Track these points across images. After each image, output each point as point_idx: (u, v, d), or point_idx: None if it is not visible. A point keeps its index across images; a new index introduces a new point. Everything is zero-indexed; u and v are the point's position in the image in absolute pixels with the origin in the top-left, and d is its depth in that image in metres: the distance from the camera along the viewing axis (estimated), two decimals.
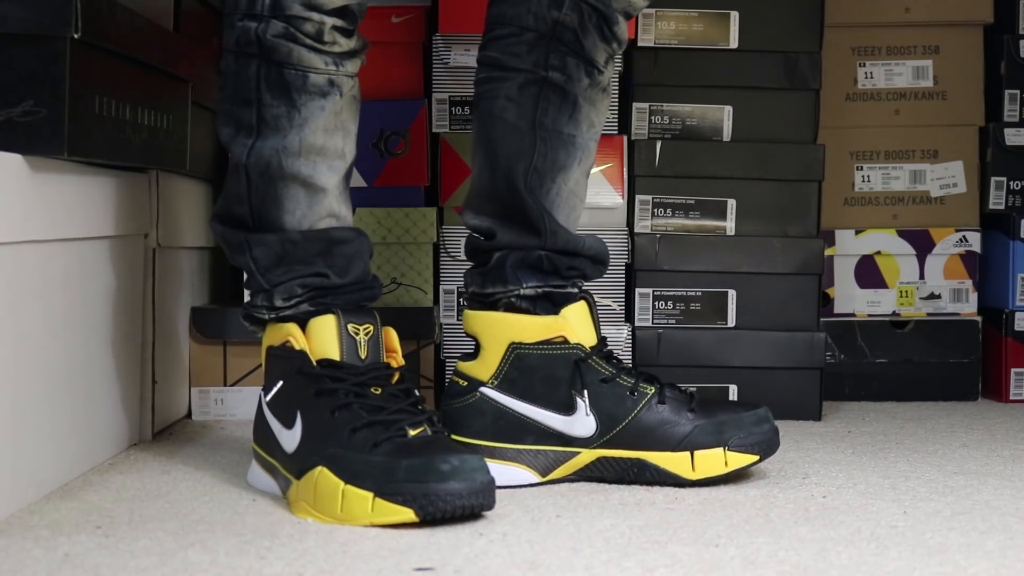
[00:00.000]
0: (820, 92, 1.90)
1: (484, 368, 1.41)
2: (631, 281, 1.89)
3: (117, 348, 1.53)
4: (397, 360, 1.34)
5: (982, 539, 1.19)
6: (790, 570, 1.08)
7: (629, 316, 1.90)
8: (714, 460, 1.38)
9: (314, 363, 1.30)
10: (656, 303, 1.88)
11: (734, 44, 1.89)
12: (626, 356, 1.87)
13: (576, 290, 1.44)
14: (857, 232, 2.06)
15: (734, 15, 1.89)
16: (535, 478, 1.39)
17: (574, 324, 1.41)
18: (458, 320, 1.88)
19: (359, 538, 1.17)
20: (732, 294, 1.88)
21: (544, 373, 1.40)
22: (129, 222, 1.56)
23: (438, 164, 1.89)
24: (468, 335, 1.45)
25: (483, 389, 1.41)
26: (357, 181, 1.85)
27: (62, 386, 1.36)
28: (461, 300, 1.88)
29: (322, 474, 1.24)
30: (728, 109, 1.90)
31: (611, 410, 1.39)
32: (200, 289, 1.88)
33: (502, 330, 1.41)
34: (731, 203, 1.89)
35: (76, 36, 1.27)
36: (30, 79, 1.26)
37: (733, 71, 1.90)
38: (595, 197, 1.85)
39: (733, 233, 1.89)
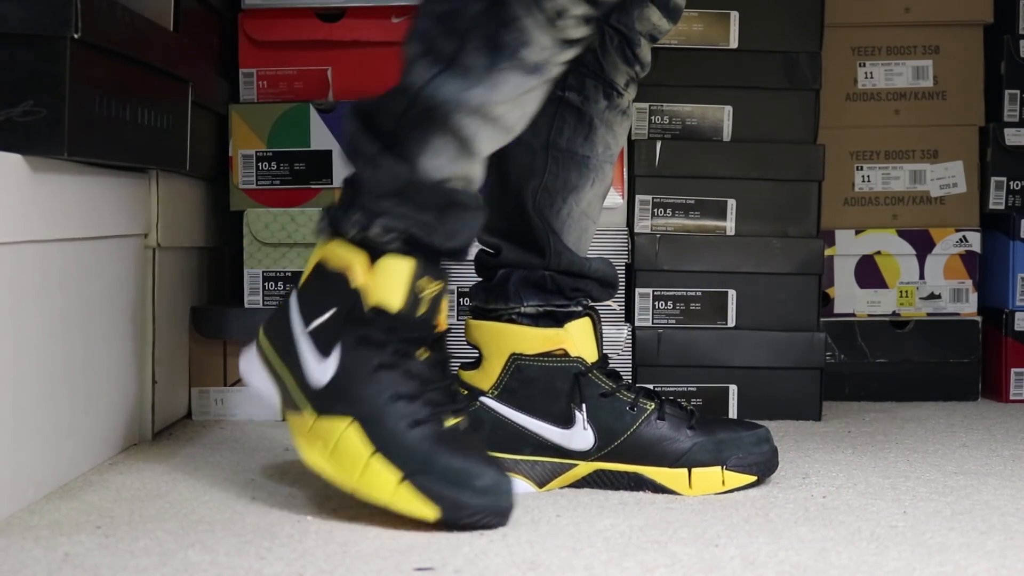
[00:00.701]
0: (820, 92, 1.91)
1: (485, 378, 1.41)
2: (631, 281, 1.89)
3: (117, 348, 1.53)
4: (443, 323, 1.29)
5: (982, 539, 1.19)
6: (790, 570, 1.08)
7: (629, 316, 1.90)
8: (712, 478, 1.38)
9: (366, 308, 1.24)
10: (656, 303, 1.88)
11: (734, 44, 1.89)
12: (626, 356, 1.87)
13: (580, 308, 1.44)
14: (857, 232, 2.07)
15: (734, 15, 1.89)
16: (532, 489, 1.39)
17: (576, 338, 1.40)
18: (459, 320, 1.88)
19: (359, 538, 1.17)
20: (732, 294, 1.88)
21: (544, 385, 1.40)
22: (129, 222, 1.56)
23: None
24: (470, 344, 1.45)
25: (483, 399, 1.41)
26: None
27: (62, 386, 1.36)
28: (462, 301, 1.88)
29: (351, 430, 1.21)
30: (728, 109, 1.90)
31: (610, 424, 1.39)
32: (200, 289, 1.88)
33: (504, 340, 1.41)
34: (731, 203, 1.89)
35: (76, 36, 1.27)
36: (30, 79, 1.26)
37: (733, 71, 1.90)
38: None
39: (733, 233, 1.89)
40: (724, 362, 1.87)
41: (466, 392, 1.41)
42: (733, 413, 1.87)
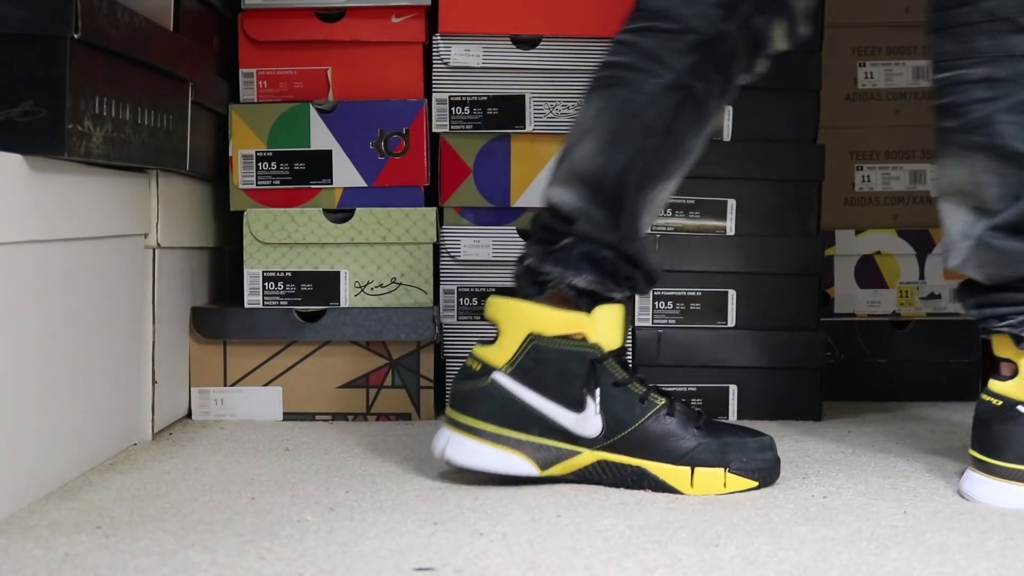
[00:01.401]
0: (820, 92, 1.90)
1: (500, 354, 1.41)
2: None
3: (117, 348, 1.53)
4: None
5: (982, 539, 1.19)
6: (790, 570, 1.08)
7: (629, 316, 1.89)
8: (713, 479, 1.38)
9: None
10: (656, 303, 1.88)
11: None
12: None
13: (620, 297, 1.43)
14: (857, 232, 2.06)
15: None
16: (533, 471, 1.39)
17: (599, 325, 1.40)
18: (459, 321, 1.88)
19: (359, 538, 1.17)
20: (732, 294, 1.88)
21: (559, 367, 1.40)
22: (129, 222, 1.56)
23: (438, 164, 1.89)
24: (488, 320, 1.44)
25: (496, 375, 1.40)
26: (357, 181, 1.86)
27: (62, 386, 1.36)
28: (462, 301, 1.88)
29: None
30: (728, 109, 1.90)
31: (619, 414, 1.39)
32: (200, 289, 1.88)
33: (524, 319, 1.40)
34: (731, 203, 1.89)
35: (76, 36, 1.27)
36: (30, 79, 1.26)
37: None
38: None
39: (733, 233, 1.89)
40: (724, 362, 1.87)
41: (479, 367, 1.41)
42: (733, 413, 1.87)
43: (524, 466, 1.39)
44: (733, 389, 1.87)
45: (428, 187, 1.89)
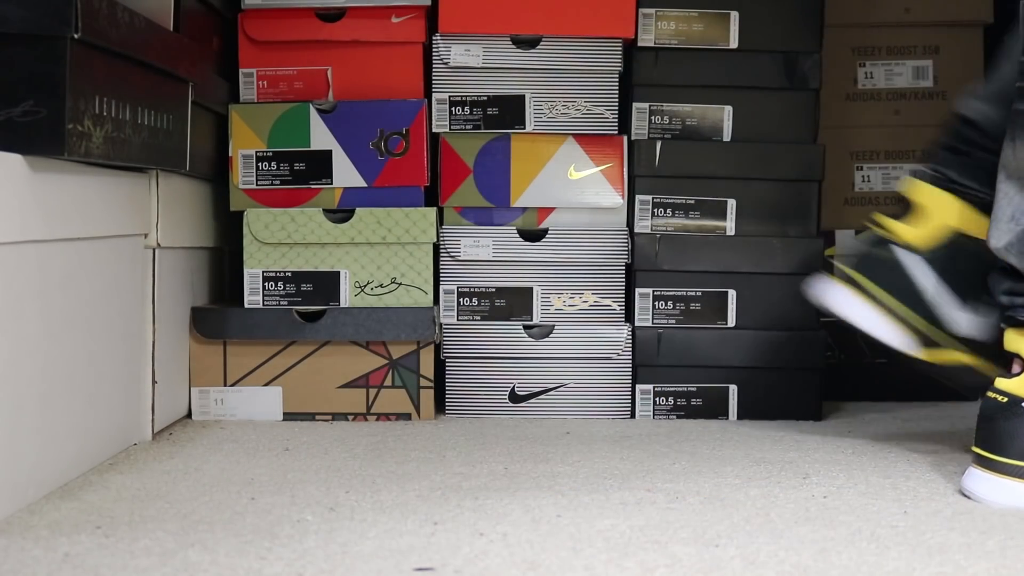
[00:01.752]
0: (820, 92, 1.91)
1: (915, 235, 1.49)
2: (631, 281, 1.89)
3: (117, 348, 1.53)
4: None
5: (982, 539, 1.19)
6: (790, 570, 1.08)
7: (629, 316, 1.90)
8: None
9: None
10: (656, 303, 1.88)
11: (734, 44, 1.89)
12: (626, 356, 1.87)
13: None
14: (857, 232, 2.06)
15: (734, 15, 1.89)
16: (914, 348, 1.50)
17: None
18: (459, 321, 1.88)
19: (359, 538, 1.17)
20: (732, 294, 1.88)
21: (975, 265, 1.46)
22: (129, 222, 1.56)
23: (438, 164, 1.89)
24: (904, 196, 1.50)
25: (903, 252, 1.49)
26: (357, 181, 1.86)
27: (62, 386, 1.36)
28: (462, 301, 1.88)
29: None
30: (728, 109, 1.90)
31: (986, 326, 1.48)
32: (200, 289, 1.88)
33: (950, 213, 1.48)
34: (731, 203, 1.89)
35: (76, 36, 1.27)
36: (30, 79, 1.26)
37: (733, 71, 1.90)
38: (595, 197, 1.85)
39: (733, 233, 1.89)
40: (724, 362, 1.87)
41: (884, 233, 1.49)
42: (733, 413, 1.87)
43: (904, 341, 1.50)
44: (733, 389, 1.87)
45: (428, 187, 1.89)
